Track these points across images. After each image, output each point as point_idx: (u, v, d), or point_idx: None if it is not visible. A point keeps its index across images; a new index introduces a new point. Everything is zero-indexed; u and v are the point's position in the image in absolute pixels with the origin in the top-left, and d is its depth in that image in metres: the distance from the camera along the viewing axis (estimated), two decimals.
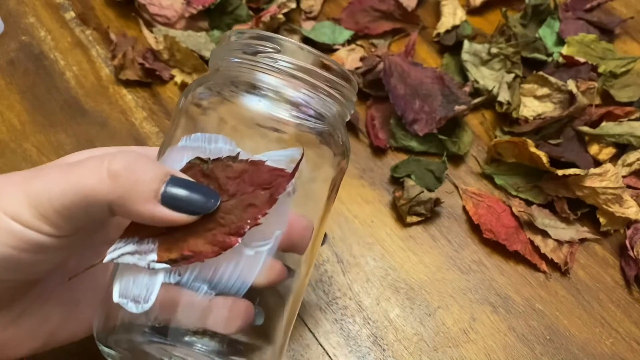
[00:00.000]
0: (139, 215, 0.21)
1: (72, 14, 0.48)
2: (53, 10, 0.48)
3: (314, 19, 0.49)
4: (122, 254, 0.22)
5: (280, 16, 0.47)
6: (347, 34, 0.48)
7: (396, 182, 0.41)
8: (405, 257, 0.38)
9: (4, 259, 0.21)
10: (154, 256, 0.22)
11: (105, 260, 0.22)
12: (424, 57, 0.48)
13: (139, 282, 0.22)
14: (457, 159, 0.43)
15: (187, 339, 0.22)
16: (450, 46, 0.47)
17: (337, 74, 0.26)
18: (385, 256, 0.38)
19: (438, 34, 0.48)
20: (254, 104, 0.24)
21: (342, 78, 0.26)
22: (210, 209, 0.22)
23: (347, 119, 0.29)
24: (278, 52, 0.25)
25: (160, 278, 0.22)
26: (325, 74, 0.25)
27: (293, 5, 0.48)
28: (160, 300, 0.22)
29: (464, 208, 0.40)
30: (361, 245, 0.38)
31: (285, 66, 0.25)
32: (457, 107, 0.41)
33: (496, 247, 0.38)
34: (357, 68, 0.45)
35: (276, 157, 0.23)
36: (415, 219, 0.39)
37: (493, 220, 0.39)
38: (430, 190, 0.39)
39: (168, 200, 0.21)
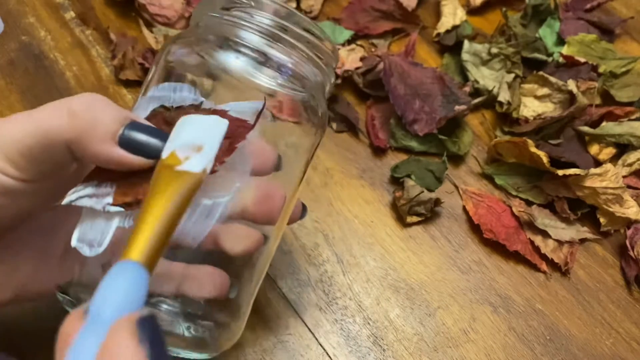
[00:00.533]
0: (95, 155, 0.21)
1: (72, 14, 0.48)
2: (53, 10, 0.48)
3: (314, 18, 0.49)
4: (80, 197, 0.22)
5: None
6: (347, 34, 0.47)
7: (396, 182, 0.41)
8: (405, 257, 0.38)
9: None
10: (109, 199, 0.22)
11: (64, 202, 0.22)
12: (424, 57, 0.48)
13: (95, 227, 0.22)
14: (457, 159, 0.43)
15: (153, 299, 0.22)
16: (450, 46, 0.47)
17: (318, 38, 0.25)
18: (385, 256, 0.38)
19: (438, 34, 0.48)
20: (231, 61, 0.24)
21: (323, 42, 0.26)
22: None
23: (327, 88, 0.28)
24: (258, 9, 0.24)
25: (115, 222, 0.22)
26: (306, 35, 0.25)
27: (293, 5, 0.48)
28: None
29: (464, 208, 0.40)
30: (361, 245, 0.38)
31: (264, 24, 0.24)
32: (457, 107, 0.41)
33: (496, 247, 0.38)
34: (357, 68, 0.45)
35: (240, 108, 0.23)
36: (415, 219, 0.39)
37: (493, 220, 0.39)
38: (430, 190, 0.39)
39: (125, 143, 0.21)
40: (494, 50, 0.45)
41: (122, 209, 0.21)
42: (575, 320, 0.36)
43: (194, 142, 0.19)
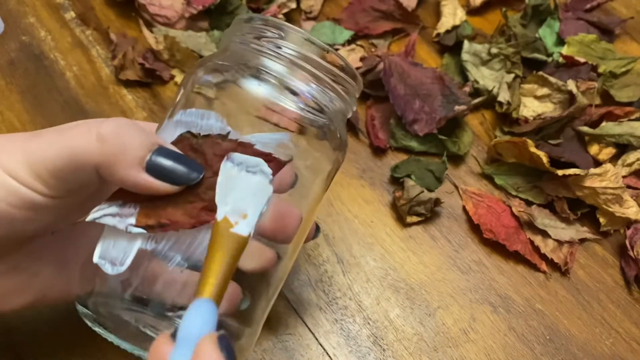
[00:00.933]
0: (122, 180, 0.22)
1: (72, 14, 0.48)
2: (53, 10, 0.48)
3: (314, 19, 0.49)
4: (104, 215, 0.23)
5: (281, 16, 0.47)
6: (347, 34, 0.48)
7: (396, 182, 0.41)
8: (405, 257, 0.38)
9: None
10: (132, 220, 0.22)
11: (88, 219, 0.23)
12: (424, 57, 0.48)
13: (118, 246, 0.22)
14: (457, 159, 0.43)
15: (167, 313, 0.23)
16: (450, 46, 0.47)
17: (342, 69, 0.26)
18: (385, 256, 0.38)
19: (438, 34, 0.48)
20: (254, 88, 0.25)
21: (347, 74, 0.26)
22: (192, 181, 0.22)
23: (349, 116, 0.29)
24: (285, 39, 0.25)
25: (138, 243, 0.22)
26: (330, 67, 0.26)
27: (293, 5, 0.48)
28: (147, 272, 0.22)
29: (464, 208, 0.40)
30: (361, 245, 0.38)
31: (289, 54, 0.25)
32: (457, 107, 0.41)
33: (496, 247, 0.38)
34: (357, 68, 0.45)
35: (265, 140, 0.24)
36: (415, 219, 0.39)
37: (493, 220, 0.39)
38: (430, 190, 0.39)
39: (152, 168, 0.22)
40: (494, 50, 0.45)
41: (144, 231, 0.22)
42: (575, 320, 0.36)
43: (241, 209, 0.22)
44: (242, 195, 0.22)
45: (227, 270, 0.21)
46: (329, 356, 0.34)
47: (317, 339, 0.34)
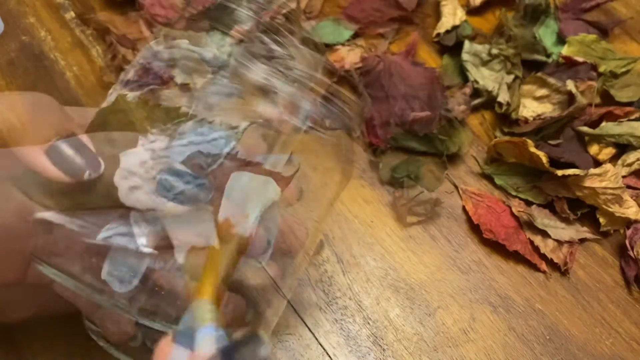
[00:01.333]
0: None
1: (72, 14, 0.48)
2: (53, 10, 0.48)
3: (314, 18, 0.49)
4: (114, 234, 0.23)
5: (280, 16, 0.47)
6: (347, 33, 0.48)
7: (396, 182, 0.41)
8: (405, 257, 0.38)
9: (5, 227, 0.22)
10: (143, 240, 0.22)
11: (98, 238, 0.23)
12: (424, 57, 0.48)
13: (126, 264, 0.23)
14: (457, 159, 0.43)
15: (174, 326, 0.23)
16: (450, 46, 0.47)
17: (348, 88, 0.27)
18: (385, 256, 0.38)
19: (438, 34, 0.48)
20: (261, 107, 0.25)
21: (353, 92, 0.27)
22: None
23: (357, 134, 0.29)
24: (294, 59, 0.26)
25: (146, 262, 0.22)
26: (337, 87, 0.26)
27: (293, 5, 0.48)
28: (151, 284, 0.23)
29: (463, 208, 0.40)
30: (361, 245, 0.38)
31: (298, 75, 0.26)
32: (456, 107, 0.41)
33: (496, 247, 0.38)
34: (357, 68, 0.45)
35: (273, 160, 0.24)
36: (415, 219, 0.39)
37: (493, 220, 0.39)
38: (430, 190, 0.39)
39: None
40: (494, 51, 0.45)
41: (155, 252, 0.22)
42: (575, 320, 0.36)
43: (242, 209, 0.23)
44: (244, 197, 0.23)
45: (226, 272, 0.21)
46: (329, 356, 0.34)
47: (317, 339, 0.34)
